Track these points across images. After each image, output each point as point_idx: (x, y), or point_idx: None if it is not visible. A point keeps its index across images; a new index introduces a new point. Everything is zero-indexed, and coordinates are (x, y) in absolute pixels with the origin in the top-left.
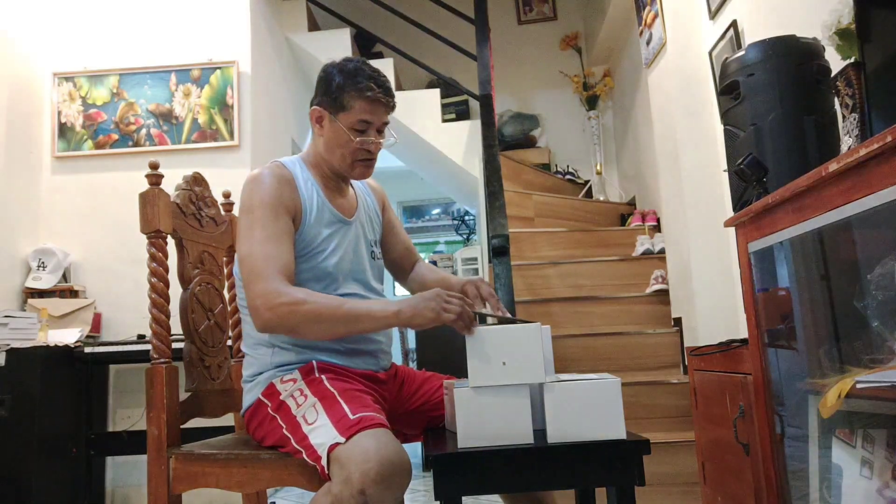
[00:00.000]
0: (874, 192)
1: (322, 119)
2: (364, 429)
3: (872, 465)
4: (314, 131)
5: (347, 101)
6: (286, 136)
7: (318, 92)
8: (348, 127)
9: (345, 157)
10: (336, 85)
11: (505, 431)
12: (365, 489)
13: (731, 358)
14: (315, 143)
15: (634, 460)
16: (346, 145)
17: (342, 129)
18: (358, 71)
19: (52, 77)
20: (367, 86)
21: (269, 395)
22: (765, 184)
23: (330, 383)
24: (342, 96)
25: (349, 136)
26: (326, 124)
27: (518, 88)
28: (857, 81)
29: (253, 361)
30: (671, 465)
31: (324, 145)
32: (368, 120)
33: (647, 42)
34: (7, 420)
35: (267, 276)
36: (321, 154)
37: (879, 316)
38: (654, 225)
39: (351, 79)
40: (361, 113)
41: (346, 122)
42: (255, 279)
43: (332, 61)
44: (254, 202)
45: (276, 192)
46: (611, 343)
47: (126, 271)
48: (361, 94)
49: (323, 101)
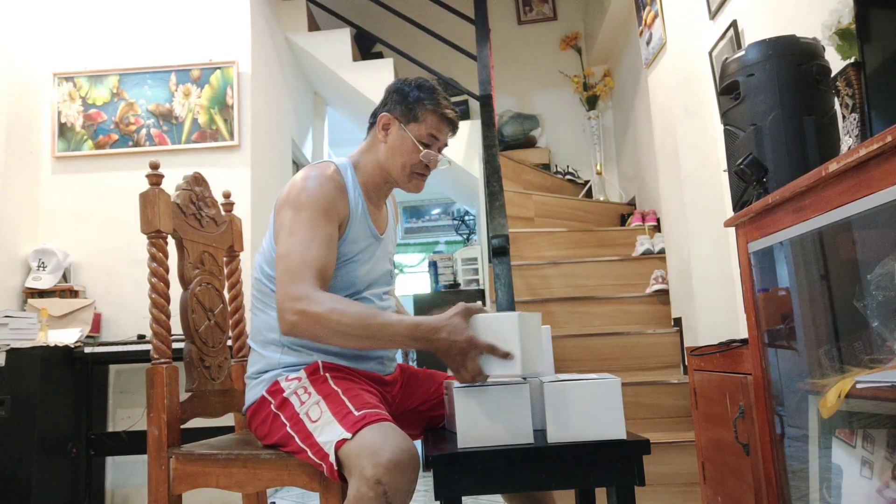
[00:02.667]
0: (874, 192)
1: (390, 126)
2: (369, 423)
3: (872, 465)
4: (376, 137)
5: (421, 114)
6: (286, 136)
7: (389, 101)
8: (416, 138)
9: (405, 166)
10: (413, 97)
11: (505, 431)
12: (380, 478)
13: (731, 358)
14: (373, 148)
15: (634, 460)
16: (410, 155)
17: (410, 139)
18: (435, 90)
19: (52, 77)
20: (442, 104)
21: (273, 393)
22: (765, 184)
23: (334, 382)
24: (417, 108)
25: (416, 147)
26: (394, 132)
27: (518, 88)
28: (857, 81)
29: (260, 358)
30: (671, 465)
31: (385, 152)
32: (436, 136)
33: (647, 42)
34: (7, 420)
35: (302, 278)
36: (379, 161)
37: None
38: (654, 225)
39: (429, 94)
40: (431, 127)
41: (415, 133)
42: (289, 279)
43: (405, 77)
44: (303, 200)
45: (329, 195)
46: (611, 343)
47: (126, 271)
48: (436, 111)
49: (395, 109)
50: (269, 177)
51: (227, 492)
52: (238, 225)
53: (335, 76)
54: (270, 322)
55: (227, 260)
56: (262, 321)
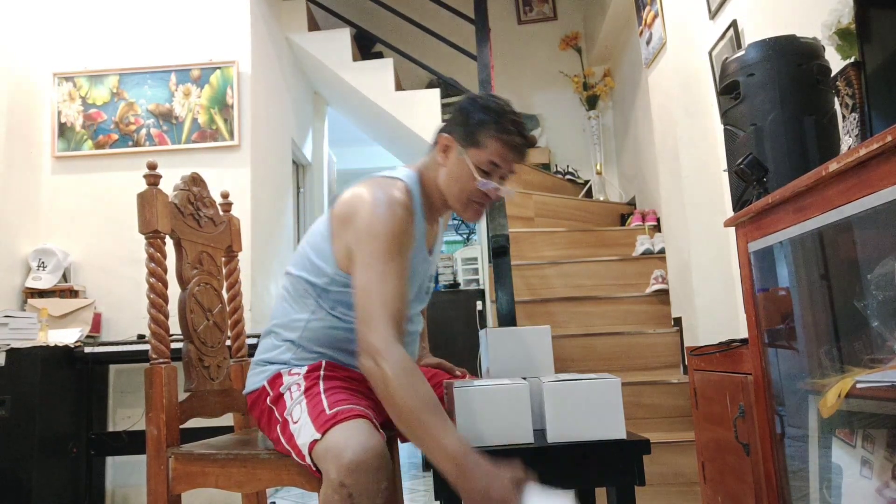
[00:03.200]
0: (874, 192)
1: (449, 149)
2: (339, 422)
3: (872, 465)
4: (437, 159)
5: (483, 139)
6: (286, 136)
7: (453, 121)
8: (475, 165)
9: (462, 194)
10: (476, 120)
11: (505, 431)
12: (343, 480)
13: (731, 358)
14: (434, 169)
15: (634, 460)
16: (466, 183)
17: (467, 166)
18: (502, 111)
19: (52, 77)
20: (507, 128)
21: (273, 385)
22: (765, 184)
23: (324, 381)
24: (479, 132)
25: (473, 175)
26: (452, 156)
27: (518, 88)
28: (857, 81)
29: (272, 347)
30: (671, 465)
31: (444, 176)
32: (498, 163)
33: (647, 42)
34: (7, 420)
35: (380, 324)
36: (438, 183)
37: (879, 316)
38: (654, 225)
39: (493, 117)
40: (493, 154)
41: (474, 159)
42: (368, 323)
43: (476, 94)
44: (381, 229)
45: (404, 225)
46: (611, 343)
47: (126, 271)
48: (499, 136)
49: (456, 131)
50: (269, 177)
51: (226, 492)
52: (236, 225)
53: (335, 76)
54: (296, 320)
55: (226, 260)
56: (288, 315)
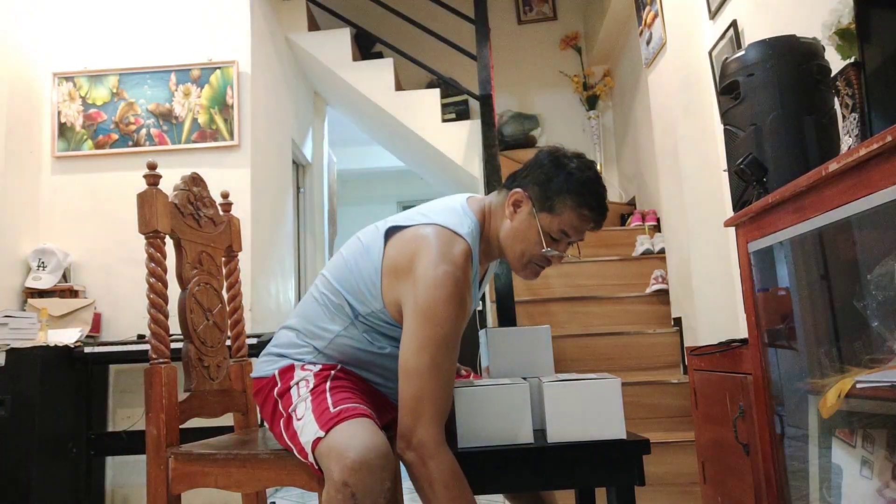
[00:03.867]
0: (874, 192)
1: (521, 205)
2: (342, 420)
3: (872, 465)
4: (504, 210)
5: (560, 208)
6: (286, 136)
7: (532, 175)
8: (545, 230)
9: (524, 254)
10: (556, 186)
11: (505, 431)
12: (346, 480)
13: (731, 358)
14: (498, 218)
15: (634, 460)
16: (532, 247)
17: (538, 230)
18: (589, 183)
19: (52, 77)
20: (589, 204)
21: (283, 376)
22: (765, 184)
23: (331, 381)
24: (558, 199)
25: (541, 241)
26: (522, 214)
27: (518, 88)
28: (857, 81)
29: (293, 345)
30: (671, 465)
31: (508, 231)
32: (569, 233)
33: (647, 42)
34: (7, 420)
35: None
36: (499, 234)
37: (879, 316)
38: (654, 225)
39: (578, 188)
40: (567, 225)
41: (545, 225)
42: (419, 416)
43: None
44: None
45: (465, 293)
46: (611, 343)
47: (126, 271)
48: (579, 210)
49: (533, 190)
50: (269, 177)
51: (226, 492)
52: (237, 225)
53: (335, 76)
54: (324, 328)
55: (226, 260)
56: (319, 320)
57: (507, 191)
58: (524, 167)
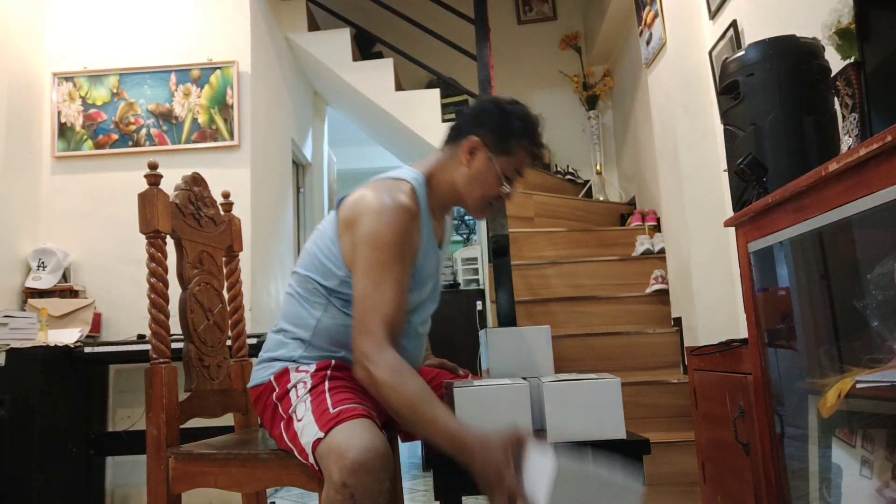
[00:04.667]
0: (874, 192)
1: (476, 151)
2: (342, 421)
3: (872, 465)
4: (457, 157)
5: (516, 150)
6: (286, 136)
7: (482, 123)
8: (503, 171)
9: (483, 197)
10: (513, 129)
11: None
12: (346, 481)
13: (731, 358)
14: (453, 168)
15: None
16: (490, 187)
17: (495, 171)
18: (535, 125)
19: (52, 77)
20: (539, 143)
21: (279, 380)
22: (765, 184)
23: (329, 381)
24: (514, 142)
25: (501, 181)
26: (481, 159)
27: (518, 88)
28: (857, 81)
29: (282, 344)
30: (671, 465)
31: (466, 177)
32: (521, 172)
33: (647, 42)
34: (7, 420)
35: (371, 331)
36: (455, 183)
37: (879, 316)
38: (654, 225)
39: (530, 130)
40: (521, 165)
41: (503, 166)
42: (361, 330)
43: (501, 98)
44: (379, 239)
45: (406, 231)
46: (611, 343)
47: (126, 271)
48: (532, 149)
49: (487, 136)
50: (269, 177)
51: (226, 492)
52: (237, 225)
53: (335, 76)
54: (306, 318)
55: (227, 260)
56: (298, 313)
57: (455, 143)
58: (466, 118)
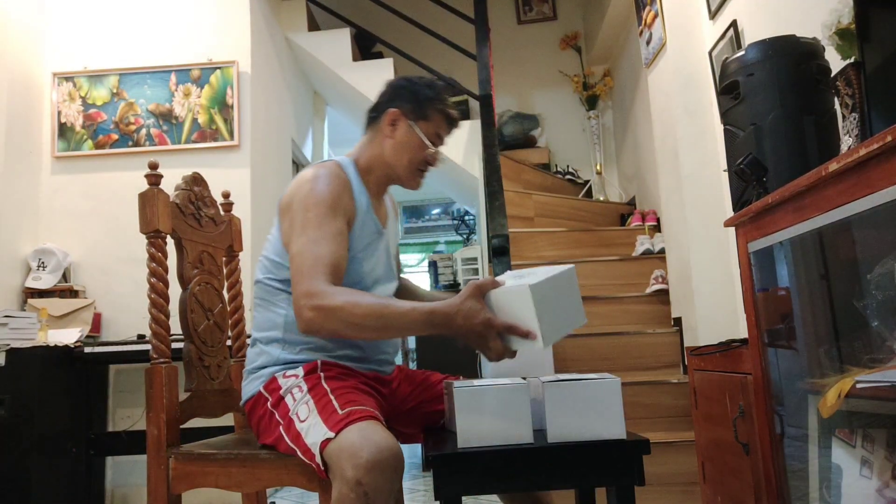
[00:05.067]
0: (874, 192)
1: (398, 122)
2: (352, 422)
3: (872, 465)
4: (380, 132)
5: (432, 114)
6: (286, 136)
7: (398, 97)
8: (425, 135)
9: (412, 163)
10: (424, 96)
11: (505, 431)
12: (360, 479)
13: (731, 358)
14: (376, 143)
15: (634, 460)
16: (417, 151)
17: (417, 136)
18: (444, 91)
19: (52, 77)
20: (450, 105)
21: (271, 390)
22: (765, 184)
23: (326, 382)
24: (427, 106)
25: (423, 144)
26: (402, 128)
27: (518, 88)
28: (857, 81)
29: (260, 353)
30: (671, 465)
31: (392, 147)
32: (441, 135)
33: (647, 42)
34: (7, 420)
35: (314, 275)
36: (383, 157)
37: (879, 316)
38: (654, 225)
39: (438, 94)
40: (439, 127)
41: (424, 131)
42: (302, 278)
43: (409, 76)
44: (310, 200)
45: (335, 192)
46: (611, 343)
47: (126, 271)
48: (444, 111)
49: (404, 106)
50: (269, 177)
51: (226, 492)
52: (237, 225)
53: (335, 76)
54: (274, 318)
55: (227, 260)
56: (265, 317)
57: (376, 122)
58: (382, 98)
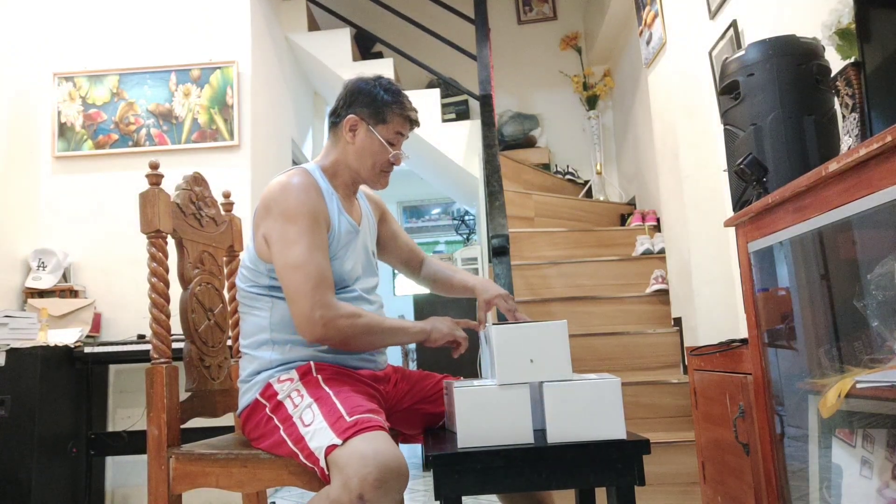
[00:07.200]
0: (874, 192)
1: (357, 127)
2: (361, 431)
3: (872, 465)
4: (343, 139)
5: (390, 116)
6: (286, 136)
7: (355, 102)
8: (385, 139)
9: (375, 165)
10: (381, 99)
11: (505, 431)
12: (363, 494)
13: (731, 358)
14: (341, 150)
15: (634, 460)
16: (379, 154)
17: (378, 140)
18: (399, 92)
19: (52, 77)
20: (407, 106)
21: (267, 396)
22: (765, 184)
23: (326, 384)
24: (385, 110)
25: (385, 147)
26: (362, 133)
27: (518, 88)
28: (857, 81)
29: (251, 360)
30: (671, 465)
31: (354, 152)
32: (403, 133)
33: (647, 42)
34: (7, 420)
35: (323, 289)
36: (347, 161)
37: (879, 316)
38: (654, 225)
39: (395, 97)
40: (399, 128)
41: (383, 134)
42: (311, 291)
43: (365, 77)
44: (293, 211)
45: (313, 201)
46: (611, 343)
47: (126, 271)
48: (402, 112)
49: (362, 111)
50: (269, 177)
51: (226, 492)
52: (238, 225)
53: (335, 76)
54: (259, 322)
55: (227, 260)
56: (251, 323)
57: (337, 128)
58: (339, 103)
